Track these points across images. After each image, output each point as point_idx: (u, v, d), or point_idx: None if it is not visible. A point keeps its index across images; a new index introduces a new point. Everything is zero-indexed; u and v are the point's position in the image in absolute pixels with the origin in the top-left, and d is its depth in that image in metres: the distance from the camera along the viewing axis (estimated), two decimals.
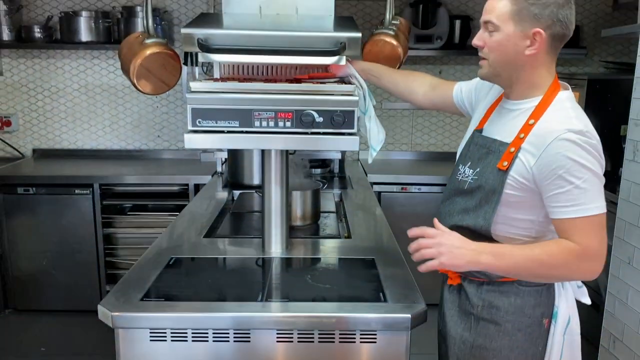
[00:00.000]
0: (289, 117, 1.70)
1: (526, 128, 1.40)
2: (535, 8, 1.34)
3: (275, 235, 2.02)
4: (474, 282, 1.54)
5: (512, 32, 1.36)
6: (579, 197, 1.31)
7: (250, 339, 1.54)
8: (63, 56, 3.88)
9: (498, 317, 1.50)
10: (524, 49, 1.37)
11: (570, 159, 1.30)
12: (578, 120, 1.35)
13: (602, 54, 3.93)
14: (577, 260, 1.33)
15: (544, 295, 1.48)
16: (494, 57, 1.41)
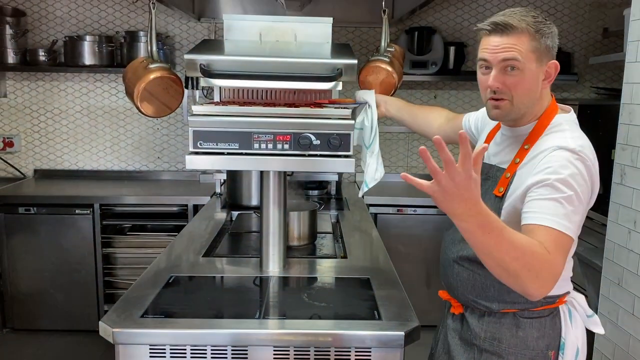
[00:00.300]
0: (287, 140, 1.76)
1: (521, 153, 1.40)
2: (549, 41, 1.33)
3: (273, 255, 2.06)
4: (476, 312, 1.52)
5: (534, 69, 1.33)
6: (559, 210, 1.23)
7: (247, 356, 1.57)
8: (66, 79, 3.97)
9: (500, 349, 1.46)
10: (539, 82, 1.36)
11: (557, 172, 1.26)
12: (573, 140, 1.32)
13: (594, 80, 4.02)
14: (542, 265, 1.18)
15: (548, 326, 1.44)
16: (520, 97, 1.34)
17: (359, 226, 2.86)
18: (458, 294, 1.56)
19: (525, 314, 1.44)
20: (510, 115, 1.39)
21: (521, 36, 1.31)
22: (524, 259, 1.16)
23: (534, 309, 1.44)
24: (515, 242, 1.17)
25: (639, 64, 2.08)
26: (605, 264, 2.26)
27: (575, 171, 1.27)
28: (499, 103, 1.37)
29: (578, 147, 1.30)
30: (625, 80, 2.15)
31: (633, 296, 2.08)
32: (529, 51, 1.31)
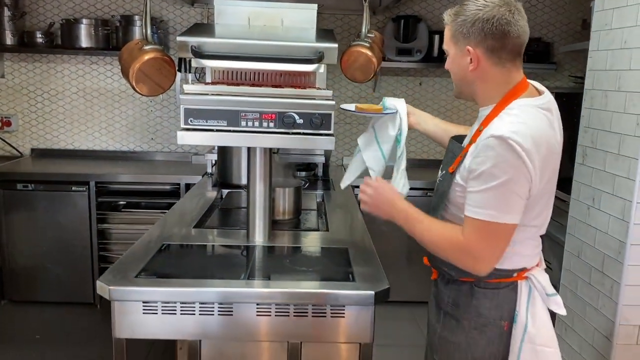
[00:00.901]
0: (272, 118, 1.90)
1: (476, 134, 1.48)
2: (463, 28, 1.45)
3: (259, 226, 2.21)
4: (445, 279, 1.63)
5: (454, 54, 1.52)
6: (479, 200, 1.39)
7: (232, 312, 1.73)
8: (63, 61, 4.08)
9: (458, 314, 1.58)
10: (467, 66, 1.48)
11: (482, 163, 1.37)
12: (509, 126, 1.36)
13: (572, 70, 4.18)
14: (457, 250, 1.44)
15: (502, 298, 1.52)
16: (453, 77, 1.57)
17: (343, 205, 3.01)
18: (431, 260, 1.68)
19: (481, 284, 1.53)
20: (456, 93, 1.61)
21: (447, 29, 1.53)
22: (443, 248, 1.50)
23: (489, 281, 1.52)
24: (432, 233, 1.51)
25: (600, 52, 2.24)
26: (567, 239, 2.43)
27: (499, 160, 1.35)
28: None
29: (508, 134, 1.34)
30: (589, 67, 2.31)
31: (590, 267, 2.25)
32: (449, 39, 1.52)
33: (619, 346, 2.11)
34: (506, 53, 1.45)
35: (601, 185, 2.20)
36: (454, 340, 1.59)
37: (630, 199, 2.02)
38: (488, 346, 1.55)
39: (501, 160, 1.35)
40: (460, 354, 1.58)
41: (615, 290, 2.10)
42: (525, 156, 1.34)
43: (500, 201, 1.38)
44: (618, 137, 2.11)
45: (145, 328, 1.74)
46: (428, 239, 1.52)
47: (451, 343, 1.60)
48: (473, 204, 1.42)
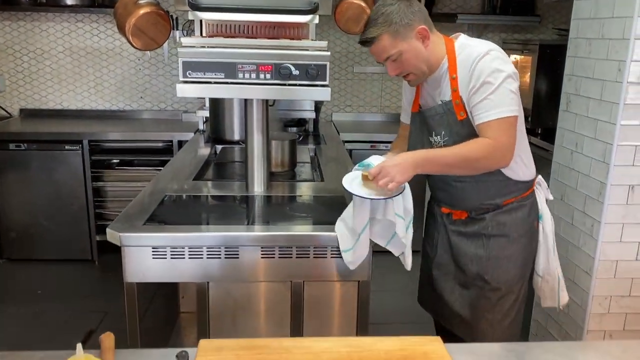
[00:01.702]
0: (269, 70, 1.95)
1: (454, 82, 1.73)
2: (402, 22, 1.68)
3: (257, 177, 2.29)
4: (481, 211, 1.84)
5: (407, 46, 1.71)
6: (493, 103, 1.63)
7: (238, 255, 1.82)
8: (48, 19, 4.03)
9: (506, 230, 1.83)
10: (422, 47, 1.72)
11: (478, 78, 1.64)
12: (479, 46, 1.69)
13: (556, 22, 4.24)
14: (492, 150, 1.64)
15: (531, 205, 1.86)
16: (414, 66, 1.75)
17: (336, 157, 3.10)
18: (464, 205, 1.86)
19: (519, 200, 1.83)
20: (422, 77, 1.79)
21: (381, 40, 1.70)
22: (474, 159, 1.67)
23: (524, 195, 1.83)
24: (458, 154, 1.67)
25: (584, 1, 2.30)
26: (551, 183, 2.54)
27: (490, 70, 1.63)
28: (408, 78, 1.81)
29: (489, 48, 1.67)
30: (573, 16, 2.38)
31: (573, 209, 2.38)
32: (393, 43, 1.70)
33: (599, 280, 2.25)
34: (429, 18, 1.75)
35: (584, 130, 2.31)
36: (506, 255, 1.84)
37: (611, 142, 2.13)
38: (530, 245, 1.88)
39: (491, 69, 1.64)
40: (512, 263, 1.85)
41: (595, 229, 2.23)
42: (507, 58, 1.68)
43: (502, 100, 1.64)
44: (600, 84, 2.20)
45: (154, 272, 1.82)
46: (456, 159, 1.68)
47: (503, 258, 1.84)
48: (484, 110, 1.65)
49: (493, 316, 1.87)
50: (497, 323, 1.87)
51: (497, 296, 1.86)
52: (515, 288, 1.87)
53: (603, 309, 2.30)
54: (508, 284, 1.85)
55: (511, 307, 1.88)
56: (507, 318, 1.88)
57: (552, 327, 2.56)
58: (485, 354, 1.21)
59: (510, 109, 1.65)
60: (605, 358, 1.18)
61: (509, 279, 1.85)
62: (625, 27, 2.05)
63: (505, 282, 1.85)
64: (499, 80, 1.63)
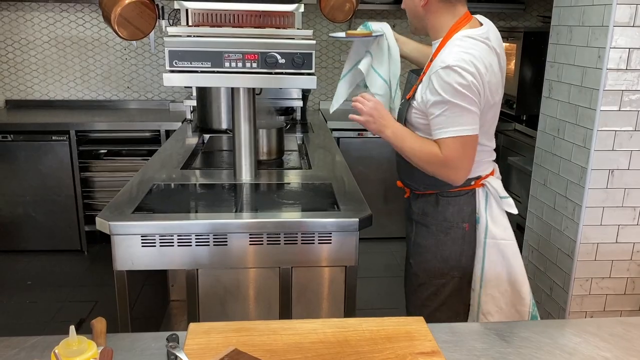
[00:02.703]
0: (255, 59, 1.97)
1: (428, 65, 1.70)
2: None
3: (245, 165, 2.32)
4: (415, 194, 1.88)
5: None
6: (442, 123, 1.62)
7: (227, 242, 1.85)
8: (32, 9, 4.00)
9: (427, 221, 1.85)
10: (418, 3, 1.71)
11: (436, 92, 1.60)
12: (453, 56, 1.58)
13: (540, 10, 4.28)
14: (438, 164, 1.66)
15: (462, 204, 1.78)
16: (408, 14, 1.80)
17: (323, 146, 3.12)
18: (403, 180, 1.93)
19: (444, 194, 1.80)
20: (412, 29, 1.83)
21: None
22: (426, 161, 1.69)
23: (451, 190, 1.78)
24: (416, 149, 1.69)
25: None
26: (534, 168, 2.60)
27: (448, 86, 1.58)
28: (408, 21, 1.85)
29: (454, 63, 1.57)
30: (555, 4, 2.42)
31: (555, 193, 2.43)
32: None
33: (580, 262, 2.31)
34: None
35: (565, 116, 2.35)
36: (425, 244, 1.86)
37: (592, 127, 2.18)
38: (453, 245, 1.82)
39: (449, 86, 1.58)
40: (430, 254, 1.85)
41: (577, 213, 2.29)
42: (470, 76, 1.57)
43: (459, 118, 1.60)
44: (581, 70, 2.24)
45: (144, 260, 1.85)
46: (413, 155, 1.71)
47: (423, 246, 1.86)
48: (438, 127, 1.64)
49: (414, 300, 1.93)
50: (417, 308, 1.90)
51: (417, 282, 1.90)
52: (434, 282, 1.85)
53: (584, 291, 2.36)
54: (426, 274, 1.86)
55: (429, 298, 1.87)
56: (425, 308, 1.87)
57: None
58: (467, 333, 1.25)
59: (463, 127, 1.61)
60: (581, 335, 1.23)
61: (427, 270, 1.86)
62: (604, 14, 2.09)
63: (424, 271, 1.86)
64: (449, 102, 1.58)
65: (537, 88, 3.24)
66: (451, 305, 1.87)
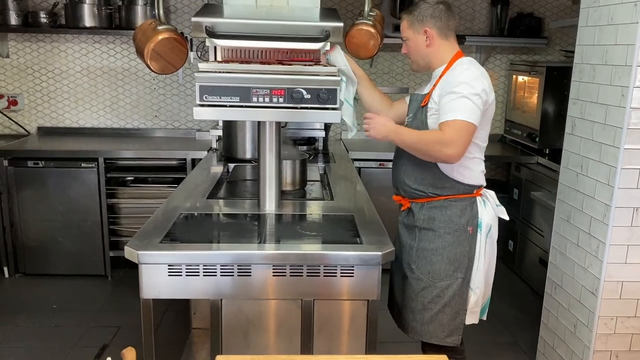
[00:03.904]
0: (282, 94, 2.03)
1: (437, 82, 2.05)
2: (419, 17, 2.06)
3: (270, 196, 2.36)
4: (418, 203, 2.12)
5: (412, 37, 2.09)
6: (454, 107, 1.91)
7: (251, 273, 1.88)
8: (66, 40, 4.16)
9: (434, 225, 2.07)
10: (423, 43, 2.07)
11: (451, 90, 1.93)
12: (467, 72, 1.96)
13: (563, 44, 4.31)
14: (438, 143, 1.91)
15: (468, 209, 2.06)
16: (412, 56, 2.14)
17: (345, 176, 3.16)
18: (404, 186, 2.15)
19: (451, 199, 2.06)
20: (416, 67, 2.18)
21: (403, 22, 2.12)
22: (426, 143, 1.96)
23: (458, 196, 2.06)
24: (417, 137, 1.99)
25: (588, 28, 2.37)
26: (557, 205, 2.59)
27: (464, 79, 1.94)
28: (410, 63, 2.21)
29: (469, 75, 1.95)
30: (578, 42, 2.44)
31: (578, 229, 2.42)
32: (406, 28, 2.10)
33: (604, 301, 2.29)
34: (448, 30, 2.07)
35: (588, 153, 2.36)
36: (432, 247, 2.07)
37: (615, 165, 2.18)
38: (459, 246, 2.06)
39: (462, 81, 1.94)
40: (437, 256, 2.06)
41: (601, 250, 2.27)
42: (480, 85, 1.95)
43: (466, 107, 1.91)
44: (604, 108, 2.25)
45: (170, 289, 1.89)
46: (415, 140, 1.98)
47: (429, 250, 2.07)
48: (444, 112, 1.94)
49: (415, 305, 2.10)
50: (417, 312, 2.09)
51: (420, 286, 2.08)
52: (438, 284, 2.06)
53: (609, 330, 2.33)
54: (431, 276, 2.06)
55: (432, 301, 2.07)
56: (427, 311, 2.08)
57: (560, 347, 2.59)
58: None
59: (466, 115, 1.90)
60: None
61: (432, 272, 2.06)
62: (627, 54, 2.11)
63: (428, 274, 2.06)
64: (465, 92, 1.91)
65: (560, 122, 3.25)
66: (453, 306, 2.08)
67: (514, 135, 4.22)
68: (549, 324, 2.67)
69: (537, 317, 2.81)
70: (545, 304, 2.71)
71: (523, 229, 3.86)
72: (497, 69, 4.41)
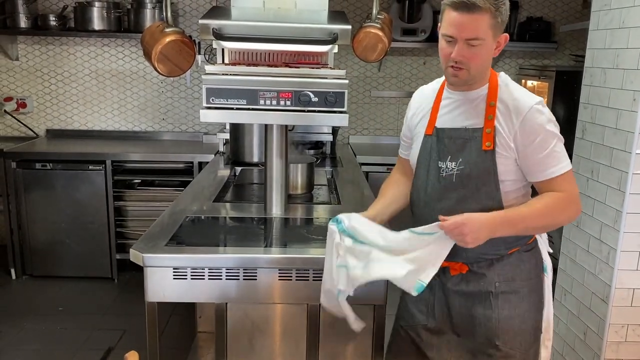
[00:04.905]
0: (289, 97, 2.02)
1: (490, 110, 1.57)
2: (504, 16, 1.51)
3: (276, 199, 2.34)
4: (483, 264, 1.63)
5: (491, 42, 1.52)
6: (558, 158, 1.54)
7: (256, 277, 1.86)
8: (75, 43, 4.18)
9: (515, 286, 1.63)
10: (492, 49, 1.55)
11: (544, 129, 1.53)
12: (528, 93, 1.60)
13: (573, 48, 4.28)
14: (567, 204, 1.57)
15: (537, 255, 1.70)
16: (476, 65, 1.54)
17: (352, 180, 3.14)
18: (464, 254, 1.59)
19: (523, 248, 1.66)
20: (467, 81, 1.59)
21: (483, 15, 1.46)
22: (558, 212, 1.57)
23: (528, 242, 1.67)
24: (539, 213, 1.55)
25: (599, 31, 2.34)
26: None
27: (546, 121, 1.54)
28: (458, 72, 1.55)
29: (537, 99, 1.56)
30: (589, 46, 2.42)
31: (589, 236, 2.39)
32: (488, 28, 1.48)
33: (615, 308, 2.25)
34: None
35: (599, 158, 2.33)
36: (519, 313, 1.63)
37: (627, 170, 2.15)
38: (539, 301, 1.69)
39: (546, 120, 1.54)
40: (526, 323, 1.65)
41: (612, 257, 2.24)
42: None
43: (563, 154, 1.58)
44: (616, 113, 2.22)
45: (175, 292, 1.87)
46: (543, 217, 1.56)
47: (516, 317, 1.63)
48: (553, 164, 1.55)
49: None
50: None
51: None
52: (530, 353, 1.66)
53: (620, 338, 2.29)
54: (522, 348, 1.63)
55: None
56: None
57: (569, 355, 2.55)
58: None
59: (569, 162, 1.58)
60: None
61: (524, 342, 1.64)
62: (639, 58, 2.08)
63: (520, 347, 1.63)
64: (557, 135, 1.56)
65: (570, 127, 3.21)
66: None
67: None
68: (559, 332, 2.63)
69: None
70: (555, 310, 2.66)
71: None
72: (507, 73, 4.37)
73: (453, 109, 1.66)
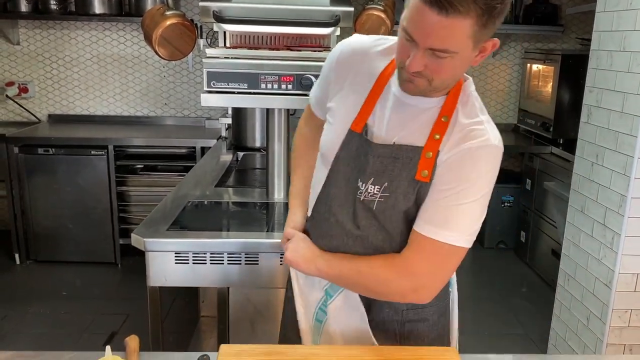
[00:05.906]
0: (291, 81, 2.00)
1: (440, 126, 1.16)
2: (500, 18, 1.04)
3: (278, 184, 2.33)
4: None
5: (469, 53, 1.07)
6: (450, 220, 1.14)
7: (258, 261, 1.86)
8: (77, 27, 4.14)
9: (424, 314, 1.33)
10: (471, 60, 1.11)
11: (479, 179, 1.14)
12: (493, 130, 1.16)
13: (579, 32, 4.22)
14: (397, 275, 1.18)
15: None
16: (441, 80, 1.11)
17: None
18: None
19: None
20: (425, 92, 1.15)
21: (463, 21, 1.00)
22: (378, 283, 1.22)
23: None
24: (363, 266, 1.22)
25: (605, 13, 2.30)
26: (571, 195, 2.54)
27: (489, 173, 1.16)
28: (415, 80, 1.11)
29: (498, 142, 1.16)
30: (595, 28, 2.38)
31: (593, 220, 2.37)
32: (466, 37, 1.03)
33: (618, 293, 2.24)
34: None
35: (604, 142, 2.30)
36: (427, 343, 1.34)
37: (632, 154, 2.12)
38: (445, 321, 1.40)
39: (490, 173, 1.16)
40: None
41: (616, 242, 2.22)
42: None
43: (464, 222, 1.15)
44: (622, 96, 2.19)
45: (177, 276, 1.87)
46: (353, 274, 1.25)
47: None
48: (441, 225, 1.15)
49: None
50: None
51: None
52: None
53: (623, 323, 2.28)
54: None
55: None
56: None
57: (572, 340, 2.55)
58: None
59: (465, 238, 1.15)
60: None
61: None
62: None
63: None
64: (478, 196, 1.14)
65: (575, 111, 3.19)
66: None
67: (527, 124, 4.15)
68: (561, 316, 2.62)
69: (549, 309, 2.77)
70: (558, 295, 2.66)
71: (535, 220, 3.81)
72: (511, 57, 4.33)
73: (393, 112, 1.21)
